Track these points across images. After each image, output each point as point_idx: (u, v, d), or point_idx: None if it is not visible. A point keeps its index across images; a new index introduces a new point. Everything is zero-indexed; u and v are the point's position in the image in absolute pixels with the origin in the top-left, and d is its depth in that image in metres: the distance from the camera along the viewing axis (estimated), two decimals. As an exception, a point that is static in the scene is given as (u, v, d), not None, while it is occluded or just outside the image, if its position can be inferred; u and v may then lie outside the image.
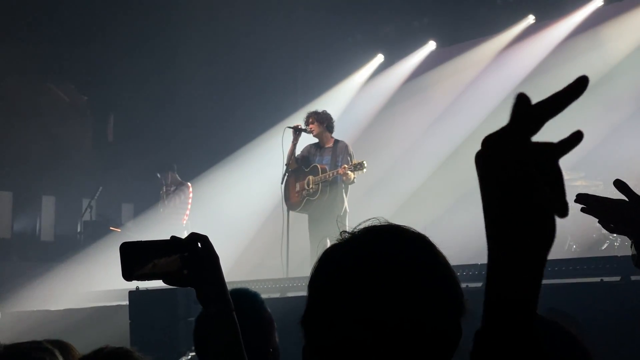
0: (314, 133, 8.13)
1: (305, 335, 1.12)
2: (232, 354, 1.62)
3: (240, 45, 12.01)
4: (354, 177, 7.84)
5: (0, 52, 11.49)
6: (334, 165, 7.99)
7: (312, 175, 8.11)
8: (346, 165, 7.79)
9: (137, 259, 1.57)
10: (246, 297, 2.48)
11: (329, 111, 8.37)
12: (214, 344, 1.66)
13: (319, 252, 1.17)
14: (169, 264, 1.58)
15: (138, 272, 1.58)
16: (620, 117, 9.52)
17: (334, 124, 8.28)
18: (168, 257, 1.57)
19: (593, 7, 10.34)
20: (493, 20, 11.01)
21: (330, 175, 7.92)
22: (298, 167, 8.22)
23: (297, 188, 8.18)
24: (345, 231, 1.14)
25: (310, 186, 8.04)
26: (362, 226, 1.13)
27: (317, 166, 8.11)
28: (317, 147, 8.26)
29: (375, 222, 1.14)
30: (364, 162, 7.73)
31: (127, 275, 1.58)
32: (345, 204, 8.01)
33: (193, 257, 1.59)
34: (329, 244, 1.18)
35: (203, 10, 11.53)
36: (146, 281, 1.61)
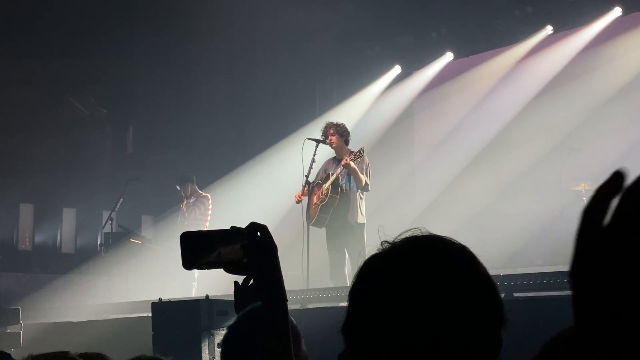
0: (334, 145, 8.09)
1: (346, 344, 1.14)
2: (281, 344, 1.63)
3: (259, 56, 12.07)
4: (366, 182, 7.81)
5: (20, 65, 11.62)
6: (349, 174, 7.97)
7: (325, 184, 8.12)
8: (347, 157, 7.80)
9: (200, 247, 1.61)
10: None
11: (346, 122, 8.39)
12: (265, 333, 1.67)
13: (359, 263, 1.18)
14: (233, 252, 1.61)
15: (202, 261, 1.61)
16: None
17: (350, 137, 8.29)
18: (233, 245, 1.61)
19: (612, 17, 10.27)
20: (511, 31, 10.97)
21: (337, 173, 7.91)
22: (317, 183, 8.20)
23: (315, 201, 8.17)
24: (386, 241, 1.15)
25: (324, 194, 8.04)
26: (403, 236, 1.14)
27: (329, 174, 8.10)
28: (335, 160, 8.24)
29: (417, 232, 1.15)
30: (362, 148, 7.85)
31: (189, 263, 1.60)
32: (362, 216, 7.98)
33: (253, 245, 1.62)
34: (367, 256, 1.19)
35: (221, 21, 11.61)
36: (206, 269, 1.64)
